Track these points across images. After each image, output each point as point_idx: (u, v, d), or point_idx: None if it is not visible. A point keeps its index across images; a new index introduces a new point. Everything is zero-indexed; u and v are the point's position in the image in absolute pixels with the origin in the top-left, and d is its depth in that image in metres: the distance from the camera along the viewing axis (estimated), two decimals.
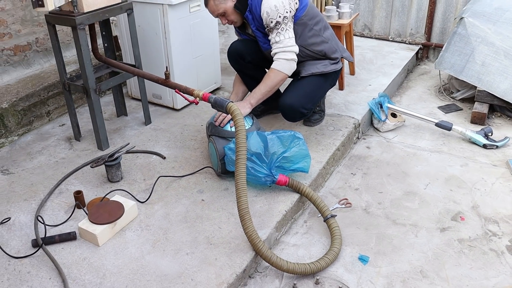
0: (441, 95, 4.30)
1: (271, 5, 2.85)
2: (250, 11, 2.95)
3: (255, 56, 3.25)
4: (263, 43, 3.07)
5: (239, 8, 2.94)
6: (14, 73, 3.80)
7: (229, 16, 2.97)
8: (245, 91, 3.37)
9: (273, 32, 2.91)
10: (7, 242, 2.42)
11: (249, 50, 3.24)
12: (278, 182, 2.67)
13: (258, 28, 3.00)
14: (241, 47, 3.26)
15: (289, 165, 2.71)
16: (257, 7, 2.90)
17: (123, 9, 3.11)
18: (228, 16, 2.97)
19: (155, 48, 3.57)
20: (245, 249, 2.34)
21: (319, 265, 2.33)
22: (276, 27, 2.89)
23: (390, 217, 2.80)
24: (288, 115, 3.15)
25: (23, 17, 3.77)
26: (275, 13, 2.85)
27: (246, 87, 3.37)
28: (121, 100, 3.68)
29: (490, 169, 3.23)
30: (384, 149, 3.50)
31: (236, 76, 3.39)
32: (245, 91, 3.37)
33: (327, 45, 3.17)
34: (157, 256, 2.31)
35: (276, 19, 2.87)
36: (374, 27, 5.26)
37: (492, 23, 3.91)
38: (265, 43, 3.06)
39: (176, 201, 2.71)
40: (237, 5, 2.93)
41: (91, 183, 2.89)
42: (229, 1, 2.92)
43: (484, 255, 2.50)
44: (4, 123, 3.35)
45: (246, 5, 2.94)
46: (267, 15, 2.86)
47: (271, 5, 2.85)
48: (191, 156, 3.13)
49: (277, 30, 2.90)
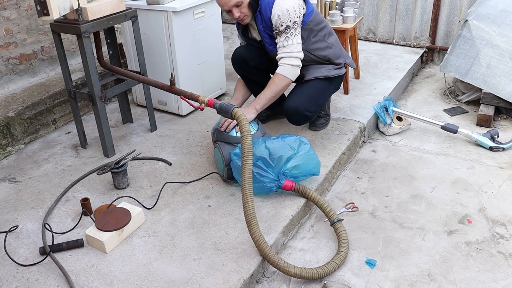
0: (447, 98, 4.29)
1: (283, 9, 2.85)
2: (259, 12, 2.95)
3: (259, 61, 3.26)
4: (269, 45, 3.07)
5: (252, 5, 2.93)
6: (20, 82, 3.82)
7: (243, 8, 2.92)
8: (245, 96, 3.37)
9: (282, 35, 2.91)
10: (15, 250, 2.43)
11: (253, 55, 3.25)
12: (284, 187, 2.67)
13: (266, 29, 3.00)
14: (245, 52, 3.27)
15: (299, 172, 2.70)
16: (267, 9, 2.90)
17: (128, 16, 3.13)
18: (243, 8, 2.91)
19: (160, 55, 3.59)
20: (252, 254, 2.34)
21: (326, 270, 2.33)
22: (285, 31, 2.89)
23: (397, 220, 2.80)
24: (293, 118, 3.15)
25: (29, 26, 3.80)
26: (286, 17, 2.86)
27: (246, 92, 3.37)
28: (126, 107, 3.69)
29: (497, 172, 3.21)
30: (390, 152, 3.49)
31: (239, 81, 3.39)
32: (245, 96, 3.37)
33: (331, 50, 3.18)
34: (165, 262, 2.31)
35: (286, 23, 2.87)
36: (378, 31, 5.26)
37: (496, 25, 3.90)
38: (271, 45, 3.06)
39: (183, 207, 2.71)
40: (251, 2, 2.92)
41: (98, 190, 2.89)
42: None
43: (492, 258, 2.49)
44: (10, 132, 3.37)
45: (257, 5, 2.94)
46: (278, 18, 2.87)
47: (283, 8, 2.85)
48: (197, 162, 3.13)
49: (286, 35, 2.90)
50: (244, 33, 3.24)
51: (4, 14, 3.60)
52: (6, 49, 3.68)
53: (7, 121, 3.35)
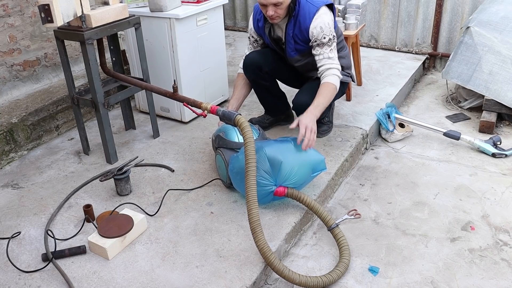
0: (449, 104, 4.30)
1: (325, 22, 2.97)
2: (294, 17, 3.01)
3: (272, 67, 3.28)
4: (291, 50, 3.13)
5: (291, 8, 2.98)
6: (24, 88, 3.83)
7: (281, 9, 2.94)
8: (246, 95, 3.37)
9: (324, 47, 3.01)
10: (18, 257, 2.43)
11: (267, 61, 3.26)
12: (276, 193, 2.60)
13: (295, 36, 3.05)
14: (259, 58, 3.26)
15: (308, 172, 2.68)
16: (307, 18, 2.97)
17: (131, 23, 3.14)
18: (280, 9, 2.93)
19: (163, 62, 3.60)
20: (254, 261, 2.34)
21: (331, 278, 2.32)
22: (328, 43, 3.00)
23: (400, 227, 2.79)
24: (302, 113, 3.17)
25: (32, 32, 3.82)
26: (328, 30, 2.98)
27: (247, 91, 3.37)
28: (129, 114, 3.70)
29: (500, 178, 3.21)
30: (392, 159, 3.49)
31: (238, 79, 3.37)
32: (246, 95, 3.37)
33: (344, 60, 3.27)
34: (167, 269, 2.31)
35: (329, 36, 2.99)
36: (380, 37, 5.27)
37: (498, 32, 3.91)
38: (292, 51, 3.13)
39: (185, 214, 2.71)
40: (291, 4, 2.97)
41: (100, 196, 2.90)
42: None
43: (495, 265, 2.48)
44: (14, 138, 3.37)
45: (294, 9, 2.99)
46: (321, 30, 2.96)
47: (325, 22, 2.97)
48: (199, 169, 3.13)
49: (330, 47, 3.01)
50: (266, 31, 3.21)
51: (8, 21, 3.62)
52: (10, 56, 3.69)
53: (10, 127, 3.36)
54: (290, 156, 2.61)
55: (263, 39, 3.30)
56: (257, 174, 2.51)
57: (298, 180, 2.62)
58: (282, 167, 2.57)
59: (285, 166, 2.58)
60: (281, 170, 2.57)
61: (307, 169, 2.67)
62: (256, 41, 3.34)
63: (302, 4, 2.99)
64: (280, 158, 2.58)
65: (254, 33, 3.32)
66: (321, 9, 2.99)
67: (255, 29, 3.28)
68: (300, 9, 2.99)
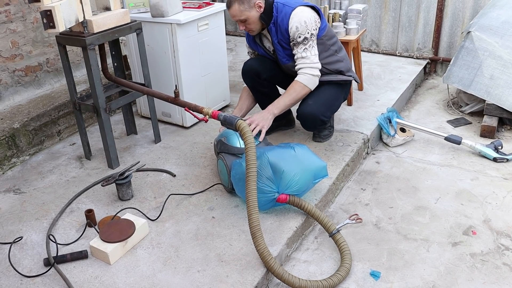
0: (450, 109, 4.30)
1: (301, 20, 2.92)
2: (274, 23, 3.00)
3: (270, 73, 3.29)
4: (282, 57, 3.12)
5: (264, 19, 2.99)
6: (25, 94, 3.85)
7: (250, 24, 3.00)
8: (250, 106, 3.40)
9: (299, 47, 2.97)
10: (19, 261, 2.43)
11: (265, 67, 3.28)
12: (278, 200, 2.60)
13: (280, 41, 3.05)
14: (257, 65, 3.29)
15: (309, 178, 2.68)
16: (284, 20, 2.96)
17: (133, 29, 3.15)
18: (249, 24, 3.00)
19: (164, 67, 3.61)
20: (256, 266, 2.33)
21: (331, 282, 2.32)
22: (303, 42, 2.96)
23: (401, 232, 2.79)
24: (308, 123, 3.19)
25: (34, 38, 3.83)
26: (304, 29, 2.93)
27: (252, 103, 3.40)
28: (130, 119, 3.71)
29: (501, 183, 3.21)
30: (393, 164, 3.49)
31: (244, 90, 3.41)
32: (250, 106, 3.40)
33: (342, 64, 3.25)
34: (169, 274, 2.31)
35: (304, 35, 2.94)
36: (381, 42, 5.28)
37: (499, 36, 3.92)
38: (284, 57, 3.12)
39: (187, 218, 2.71)
40: (263, 16, 2.98)
41: (102, 201, 2.90)
42: (254, 10, 2.95)
43: (497, 270, 2.48)
44: (15, 143, 3.38)
45: (271, 17, 2.99)
46: (296, 29, 2.93)
47: (301, 20, 2.92)
48: (201, 174, 3.14)
49: (305, 46, 2.97)
50: (258, 42, 3.25)
51: (10, 26, 3.64)
52: (12, 61, 3.71)
53: (12, 133, 3.36)
54: (292, 164, 2.61)
55: (257, 51, 3.34)
56: (260, 181, 2.52)
57: (300, 187, 2.62)
58: (284, 175, 2.57)
59: (287, 174, 2.57)
60: (284, 177, 2.57)
61: (309, 176, 2.67)
62: (254, 53, 3.42)
63: (279, 9, 3.00)
64: (282, 166, 2.58)
65: (248, 46, 3.41)
66: (297, 9, 2.97)
67: (248, 43, 3.36)
68: (278, 13, 2.99)
